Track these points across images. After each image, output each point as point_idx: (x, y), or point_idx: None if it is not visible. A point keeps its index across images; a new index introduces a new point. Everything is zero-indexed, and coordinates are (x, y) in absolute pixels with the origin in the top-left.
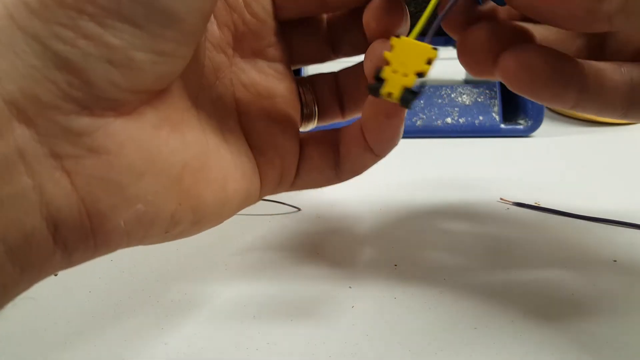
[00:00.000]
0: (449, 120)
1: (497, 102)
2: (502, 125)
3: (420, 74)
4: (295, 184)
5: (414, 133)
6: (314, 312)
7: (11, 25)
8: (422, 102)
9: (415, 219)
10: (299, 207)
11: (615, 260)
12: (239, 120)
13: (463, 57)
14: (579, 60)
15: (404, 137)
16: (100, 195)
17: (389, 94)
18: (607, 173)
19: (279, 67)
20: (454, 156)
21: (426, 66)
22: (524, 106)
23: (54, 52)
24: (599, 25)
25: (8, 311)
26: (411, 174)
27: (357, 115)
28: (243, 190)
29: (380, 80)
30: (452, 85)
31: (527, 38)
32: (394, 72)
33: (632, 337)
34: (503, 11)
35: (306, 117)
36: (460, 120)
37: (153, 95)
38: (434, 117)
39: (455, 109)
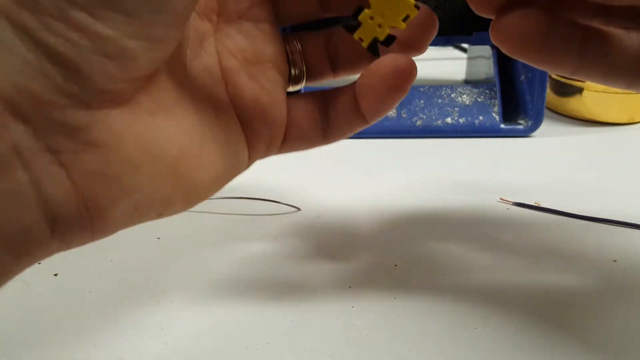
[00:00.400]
0: (449, 120)
1: (497, 102)
2: (502, 125)
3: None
4: (283, 149)
5: (414, 133)
6: (314, 312)
7: (0, 19)
8: (422, 102)
9: (415, 219)
10: (299, 207)
11: (615, 260)
12: (227, 91)
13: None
14: (583, 24)
15: (404, 137)
16: (98, 189)
17: (360, 39)
18: (607, 173)
19: (266, 27)
20: (454, 156)
21: (402, 23)
22: (524, 106)
23: (45, 45)
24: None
25: (8, 311)
26: (411, 174)
27: (349, 76)
28: (233, 166)
29: (357, 20)
30: (452, 85)
31: None
32: (371, 18)
33: (632, 337)
34: None
35: (294, 79)
36: (460, 120)
37: (146, 81)
38: (434, 117)
39: (455, 109)
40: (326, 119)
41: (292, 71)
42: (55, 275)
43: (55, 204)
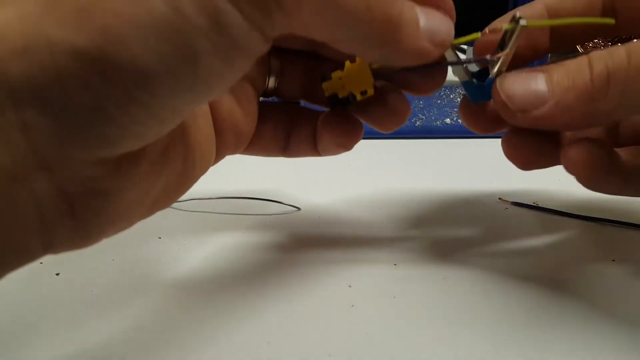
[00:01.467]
0: (448, 120)
1: None
2: None
3: (352, 94)
4: (242, 153)
5: (413, 133)
6: (314, 312)
7: None
8: (421, 102)
9: (415, 218)
10: (299, 207)
11: (614, 260)
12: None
13: (509, 157)
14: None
15: (403, 137)
16: (94, 225)
17: (326, 89)
18: None
19: None
20: (453, 156)
21: (360, 95)
22: None
23: None
24: (599, 122)
25: (9, 310)
26: (411, 174)
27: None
28: (203, 169)
29: (330, 75)
30: (451, 86)
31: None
32: (340, 79)
33: (631, 336)
34: None
35: (266, 93)
36: (460, 121)
37: None
38: (433, 118)
39: (455, 109)
40: (287, 140)
41: (266, 84)
42: (57, 274)
43: (54, 233)
